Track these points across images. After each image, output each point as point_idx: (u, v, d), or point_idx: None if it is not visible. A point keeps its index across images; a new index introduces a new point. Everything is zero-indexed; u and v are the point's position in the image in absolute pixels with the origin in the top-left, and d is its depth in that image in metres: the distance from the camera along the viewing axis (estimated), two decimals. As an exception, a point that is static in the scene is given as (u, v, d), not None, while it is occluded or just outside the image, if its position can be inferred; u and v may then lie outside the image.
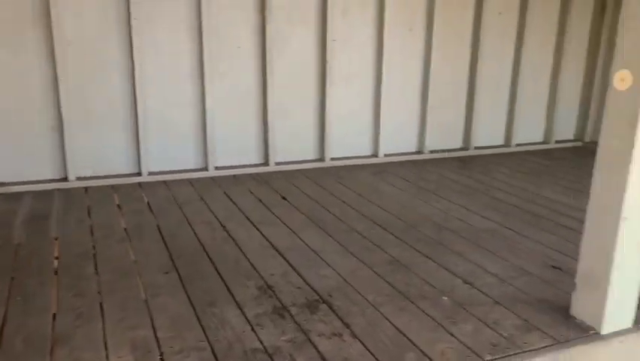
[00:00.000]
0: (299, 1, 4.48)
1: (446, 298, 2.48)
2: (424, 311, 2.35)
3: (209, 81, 4.26)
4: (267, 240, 3.14)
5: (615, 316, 2.16)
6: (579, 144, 5.94)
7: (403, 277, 2.70)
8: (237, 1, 4.29)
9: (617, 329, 2.18)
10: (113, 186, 4.09)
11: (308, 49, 4.61)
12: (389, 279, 2.66)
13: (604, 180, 2.08)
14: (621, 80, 1.92)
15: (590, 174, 2.17)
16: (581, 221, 2.25)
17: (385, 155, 5.06)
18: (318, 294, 2.49)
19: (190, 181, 4.28)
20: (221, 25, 4.26)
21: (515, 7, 5.30)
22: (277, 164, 4.65)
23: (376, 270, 2.77)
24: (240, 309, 2.34)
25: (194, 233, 3.21)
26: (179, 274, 2.67)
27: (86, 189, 4.03)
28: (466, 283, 2.64)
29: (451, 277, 2.71)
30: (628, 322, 2.20)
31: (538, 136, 5.86)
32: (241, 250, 2.98)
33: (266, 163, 4.64)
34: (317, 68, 4.67)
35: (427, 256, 2.95)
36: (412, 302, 2.43)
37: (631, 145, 1.96)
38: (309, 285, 2.58)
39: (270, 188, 4.18)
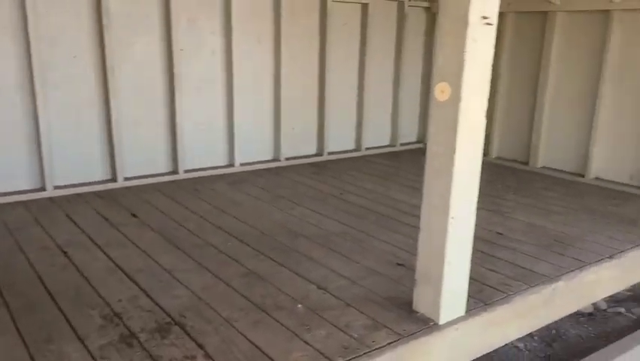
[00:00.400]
0: (140, 8, 4.28)
1: (301, 305, 2.52)
2: (279, 322, 2.37)
3: (41, 92, 3.88)
4: (114, 263, 2.94)
5: (450, 307, 2.37)
6: (421, 145, 6.44)
7: (259, 289, 2.69)
8: (69, 6, 3.97)
9: (452, 318, 2.38)
10: None
11: (154, 58, 4.42)
12: (245, 292, 2.64)
13: (433, 183, 2.27)
14: (441, 91, 2.11)
15: (428, 175, 2.35)
16: (421, 220, 2.43)
17: (241, 164, 5.04)
18: (169, 316, 2.39)
19: (24, 204, 3.86)
20: (51, 32, 3.91)
21: (357, 19, 5.59)
22: (126, 179, 4.39)
23: (232, 284, 2.73)
24: (82, 342, 2.16)
25: (29, 262, 2.90)
26: (9, 310, 2.39)
27: None
28: (320, 289, 2.71)
29: (306, 283, 2.77)
30: (461, 310, 2.42)
31: (386, 140, 6.24)
32: (84, 277, 2.75)
33: (113, 179, 4.36)
34: (165, 78, 4.50)
35: (283, 265, 2.98)
36: (268, 314, 2.44)
37: (453, 150, 2.15)
38: (160, 307, 2.46)
39: (119, 206, 3.93)
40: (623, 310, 4.06)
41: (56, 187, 4.09)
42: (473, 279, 2.70)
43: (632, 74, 4.60)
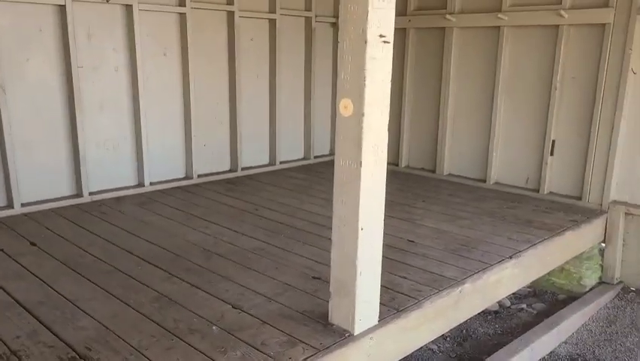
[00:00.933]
0: (30, 24, 4.03)
1: (216, 327, 2.47)
2: (192, 346, 2.30)
3: None
4: (11, 296, 2.73)
5: (364, 316, 2.41)
6: (333, 157, 6.54)
7: (172, 313, 2.60)
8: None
9: (366, 327, 2.43)
10: None
11: (50, 76, 4.18)
12: (156, 318, 2.55)
13: (342, 195, 2.32)
14: (344, 107, 2.16)
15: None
16: (334, 232, 2.46)
17: (151, 183, 4.87)
18: (74, 350, 2.25)
19: None
20: None
21: (266, 33, 5.61)
22: (24, 205, 4.10)
23: (142, 310, 2.62)
24: (-26, 388, 1.99)
25: None
26: None
27: None
28: (236, 308, 2.66)
29: (221, 304, 2.71)
30: (374, 319, 2.48)
31: (300, 153, 6.29)
32: (-25, 315, 2.53)
33: (10, 206, 4.05)
34: (64, 97, 4.26)
35: (197, 286, 2.91)
36: (181, 339, 2.36)
37: (359, 164, 2.21)
38: (63, 341, 2.32)
39: (16, 234, 3.66)
40: (525, 306, 4.35)
41: (-58, 218, 3.75)
42: (386, 287, 2.79)
43: (523, 84, 4.97)
